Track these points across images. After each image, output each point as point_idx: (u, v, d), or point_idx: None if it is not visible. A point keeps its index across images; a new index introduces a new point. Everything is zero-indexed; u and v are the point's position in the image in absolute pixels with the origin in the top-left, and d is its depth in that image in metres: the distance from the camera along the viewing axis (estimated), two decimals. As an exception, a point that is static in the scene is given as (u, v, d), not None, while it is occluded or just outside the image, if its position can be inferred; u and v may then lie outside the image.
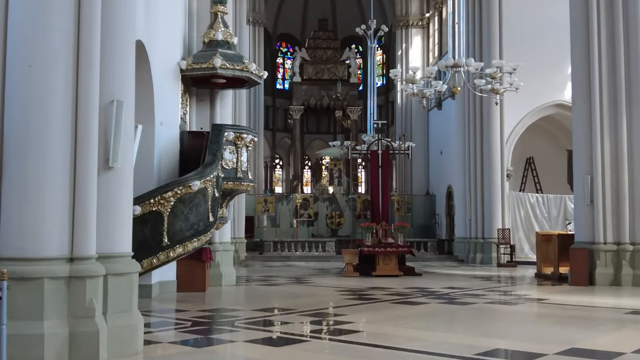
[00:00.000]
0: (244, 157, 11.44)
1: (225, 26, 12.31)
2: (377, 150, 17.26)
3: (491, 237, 21.26)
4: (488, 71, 12.95)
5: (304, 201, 28.07)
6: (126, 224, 5.96)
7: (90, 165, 5.55)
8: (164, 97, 11.07)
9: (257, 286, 13.56)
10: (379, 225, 16.40)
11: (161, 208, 9.29)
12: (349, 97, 33.17)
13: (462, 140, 22.70)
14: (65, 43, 5.43)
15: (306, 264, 21.66)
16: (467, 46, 21.84)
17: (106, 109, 5.71)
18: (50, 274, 5.26)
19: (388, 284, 13.52)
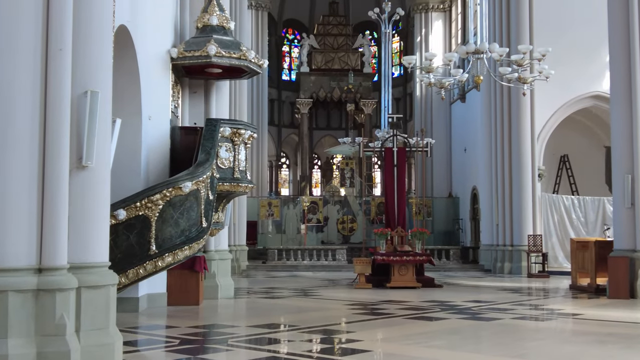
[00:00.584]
0: (242, 156, 11.31)
1: (220, 10, 12.21)
2: (392, 148, 17.09)
3: (521, 245, 21.03)
4: (514, 58, 12.73)
5: (313, 204, 27.95)
6: (102, 231, 5.86)
7: (60, 164, 5.45)
8: (153, 88, 10.98)
9: (257, 299, 13.44)
10: (394, 231, 16.23)
11: (148, 212, 9.20)
12: (362, 89, 33.02)
13: (489, 136, 22.49)
14: (33, 23, 5.33)
15: (314, 274, 21.53)
16: (493, 30, 21.64)
17: (79, 100, 5.61)
18: (16, 287, 5.16)
19: (404, 296, 13.37)
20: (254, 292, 14.80)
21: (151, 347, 7.74)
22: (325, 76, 33.34)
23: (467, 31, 27.31)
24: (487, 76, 15.07)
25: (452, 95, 28.83)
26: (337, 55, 33.77)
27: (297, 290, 15.19)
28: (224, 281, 13.21)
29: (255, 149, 29.06)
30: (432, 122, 30.14)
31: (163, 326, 9.44)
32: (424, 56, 13.47)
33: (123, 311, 10.17)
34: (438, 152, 29.36)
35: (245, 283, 17.54)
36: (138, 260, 9.13)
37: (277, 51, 37.19)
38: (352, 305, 11.98)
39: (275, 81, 36.12)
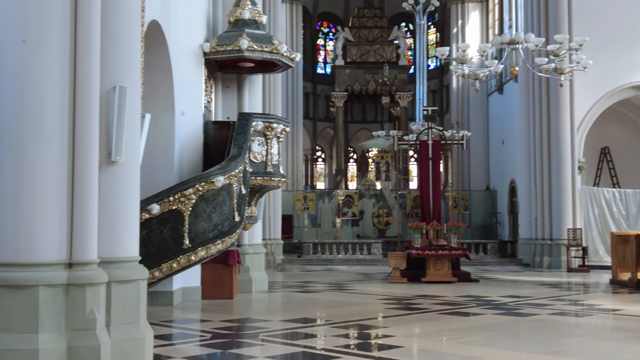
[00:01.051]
0: (275, 150, 11.29)
1: (253, 4, 12.20)
2: (427, 141, 16.92)
3: (560, 238, 20.67)
4: (550, 48, 12.44)
5: (348, 198, 27.87)
6: (132, 225, 5.88)
7: (90, 160, 5.47)
8: (185, 83, 11.03)
9: (291, 293, 13.44)
10: (429, 225, 16.07)
11: (181, 206, 9.23)
12: (398, 82, 32.76)
13: (527, 128, 22.11)
14: (62, 20, 5.35)
15: (349, 268, 21.48)
16: (530, 20, 21.24)
17: (108, 96, 5.63)
18: (46, 281, 5.20)
19: (439, 291, 13.23)
20: (289, 286, 14.81)
21: (184, 340, 7.78)
22: (360, 69, 33.16)
23: (505, 21, 26.87)
24: (524, 67, 14.78)
25: (490, 87, 28.41)
26: (372, 47, 33.55)
27: (332, 285, 15.16)
28: (257, 275, 13.24)
29: (290, 143, 29.08)
30: (469, 114, 29.78)
31: (197, 320, 9.49)
32: (459, 47, 13.24)
33: (157, 304, 10.28)
34: (475, 144, 29.01)
35: (280, 277, 17.58)
36: (172, 254, 9.17)
37: (312, 45, 37.12)
38: (386, 300, 11.90)
39: (310, 75, 36.07)
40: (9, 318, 5.09)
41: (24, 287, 5.13)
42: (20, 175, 5.23)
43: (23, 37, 5.22)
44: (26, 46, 5.23)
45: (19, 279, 5.13)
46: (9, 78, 5.29)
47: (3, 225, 5.24)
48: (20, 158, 5.24)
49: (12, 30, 5.27)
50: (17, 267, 5.16)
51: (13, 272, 5.14)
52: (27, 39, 5.22)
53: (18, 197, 5.22)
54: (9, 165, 5.26)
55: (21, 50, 5.24)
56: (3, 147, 5.28)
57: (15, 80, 5.26)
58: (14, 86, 5.27)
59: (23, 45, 5.22)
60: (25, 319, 5.12)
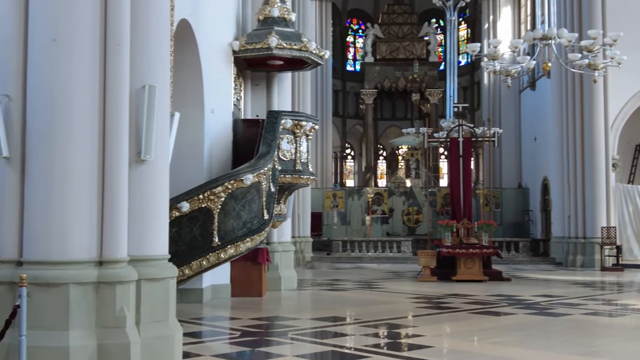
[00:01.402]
0: (304, 148, 11.28)
1: (282, 1, 12.20)
2: (458, 138, 16.76)
3: (594, 237, 20.36)
4: (584, 43, 12.20)
5: (377, 196, 27.77)
6: (161, 224, 5.91)
7: (120, 158, 5.52)
8: (215, 81, 11.07)
9: (320, 291, 13.43)
10: (459, 223, 15.93)
11: (211, 204, 9.27)
12: (428, 78, 32.53)
13: (560, 125, 21.80)
14: (91, 19, 5.40)
15: (378, 266, 21.40)
16: (563, 15, 20.91)
17: (137, 95, 5.66)
18: (77, 279, 5.25)
19: (470, 290, 13.11)
20: (318, 284, 14.81)
21: (214, 338, 7.82)
22: (390, 66, 32.99)
23: (537, 17, 26.50)
24: (557, 63, 14.55)
25: (522, 83, 28.07)
26: (402, 44, 33.35)
27: (361, 283, 15.11)
28: (286, 273, 13.25)
29: (320, 140, 29.06)
30: (501, 110, 29.44)
31: (226, 317, 9.54)
32: (490, 43, 13.08)
33: (187, 302, 10.35)
34: (507, 141, 28.68)
35: (309, 274, 17.58)
36: (201, 252, 9.22)
37: (341, 42, 37.03)
38: (416, 299, 11.83)
39: (340, 72, 35.99)
40: (40, 316, 5.15)
41: (54, 285, 5.19)
42: (51, 174, 5.29)
43: (53, 37, 5.28)
44: (56, 46, 5.28)
45: (50, 277, 5.19)
46: (40, 77, 5.35)
47: (34, 223, 5.30)
48: (50, 157, 5.30)
49: (42, 30, 5.33)
50: (48, 265, 5.22)
51: (44, 270, 5.21)
52: (57, 39, 5.27)
53: (49, 196, 5.27)
54: (39, 165, 5.33)
55: (52, 50, 5.30)
56: (34, 146, 5.35)
57: (45, 80, 5.32)
58: (44, 86, 5.33)
59: (53, 45, 5.28)
60: (56, 316, 5.17)
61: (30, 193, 5.35)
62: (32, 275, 5.11)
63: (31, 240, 5.31)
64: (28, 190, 5.36)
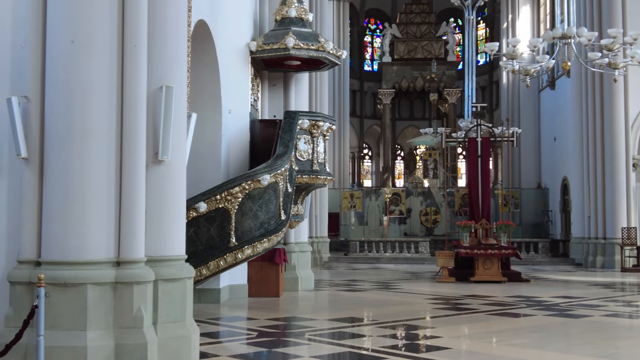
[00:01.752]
0: (321, 148, 11.27)
1: (299, 1, 12.21)
2: (476, 138, 16.66)
3: (614, 237, 20.17)
4: (604, 42, 12.07)
5: (395, 196, 27.69)
6: (178, 224, 5.92)
7: (137, 159, 5.54)
8: (232, 82, 11.10)
9: (337, 292, 13.41)
10: (478, 223, 15.84)
11: (228, 205, 9.29)
12: (446, 78, 32.37)
13: (580, 125, 21.61)
14: (109, 21, 5.42)
15: (396, 266, 21.34)
16: (583, 14, 20.71)
17: (154, 95, 5.68)
18: (95, 280, 5.28)
19: (488, 291, 13.02)
20: (335, 285, 14.79)
21: (231, 338, 7.83)
22: (407, 66, 32.88)
23: (556, 15, 26.28)
24: (577, 62, 14.42)
25: (541, 83, 27.85)
26: (420, 44, 33.22)
27: (379, 283, 15.07)
28: (304, 273, 13.25)
29: (337, 141, 29.03)
30: (520, 110, 29.24)
31: (243, 318, 9.54)
32: (509, 42, 12.99)
33: (205, 302, 10.38)
34: (526, 141, 28.48)
35: (326, 275, 17.56)
36: (218, 252, 9.24)
37: (359, 42, 36.98)
38: (433, 300, 11.77)
39: (357, 72, 35.93)
40: (58, 315, 5.18)
41: (72, 285, 5.22)
42: (69, 175, 5.32)
43: (71, 38, 5.31)
44: (74, 47, 5.31)
45: (68, 277, 5.22)
46: (58, 79, 5.39)
47: (52, 224, 5.34)
48: (69, 158, 5.33)
49: (61, 32, 5.37)
50: (66, 266, 5.25)
51: (62, 270, 5.24)
52: (75, 40, 5.30)
53: (67, 196, 5.31)
54: (58, 166, 5.36)
55: (70, 51, 5.33)
56: (52, 147, 5.39)
57: (63, 81, 5.35)
58: (62, 87, 5.36)
59: (71, 46, 5.31)
60: (73, 316, 5.20)
61: (48, 194, 5.38)
62: (50, 276, 5.14)
63: (49, 241, 5.34)
64: (46, 191, 5.40)
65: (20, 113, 5.44)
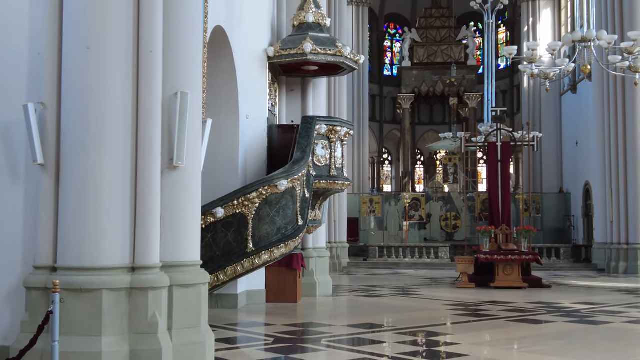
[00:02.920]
0: (339, 153, 11.24)
1: (317, 7, 12.19)
2: (496, 142, 16.53)
3: (637, 243, 19.92)
4: (623, 45, 11.92)
5: (415, 201, 27.56)
6: (193, 230, 5.92)
7: (152, 165, 5.55)
8: (250, 87, 11.11)
9: (356, 297, 13.35)
10: (498, 229, 15.69)
11: (245, 210, 9.28)
12: (466, 82, 32.22)
13: (602, 129, 21.37)
14: (124, 27, 5.45)
15: (415, 272, 21.22)
16: (605, 17, 20.50)
17: (170, 101, 5.69)
18: (110, 285, 5.29)
19: (508, 297, 12.89)
20: (354, 290, 14.73)
21: (248, 344, 7.82)
22: (427, 70, 32.77)
23: (576, 19, 26.03)
24: (598, 65, 14.26)
25: (563, 86, 27.61)
26: (440, 48, 33.10)
27: (398, 289, 14.99)
28: (322, 279, 13.21)
29: (356, 145, 28.98)
30: (541, 114, 28.98)
31: (261, 323, 9.53)
32: (527, 46, 12.88)
33: (222, 307, 10.39)
34: (548, 145, 28.23)
35: (345, 280, 17.51)
36: (236, 257, 9.22)
37: (378, 46, 36.94)
38: (453, 306, 11.67)
39: (377, 77, 35.88)
40: (73, 321, 5.20)
41: (87, 291, 5.23)
42: (84, 180, 5.35)
43: (87, 45, 5.34)
44: (90, 53, 5.34)
45: (83, 282, 5.24)
46: (74, 85, 5.42)
47: (68, 230, 5.37)
48: (84, 164, 5.36)
49: (76, 38, 5.40)
50: (82, 271, 5.27)
51: (77, 275, 5.26)
52: (90, 46, 5.33)
53: (83, 202, 5.33)
54: (74, 171, 5.39)
55: (85, 57, 5.36)
56: (68, 153, 5.42)
57: (79, 87, 5.39)
58: (78, 93, 5.39)
59: (87, 53, 5.34)
60: (88, 322, 5.22)
61: (64, 199, 5.41)
62: (65, 281, 5.16)
63: (65, 246, 5.37)
64: (62, 197, 5.43)
65: (37, 119, 5.48)
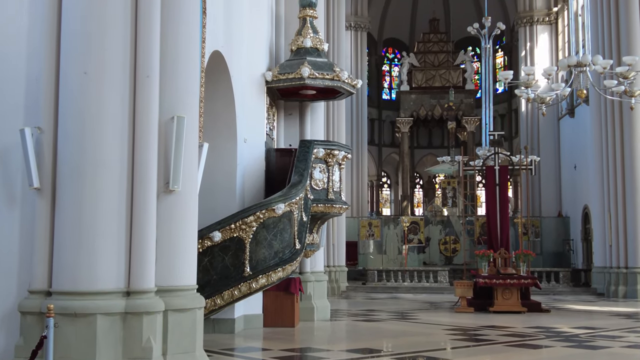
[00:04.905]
0: (336, 177, 11.26)
1: (314, 32, 12.29)
2: (494, 166, 16.56)
3: (636, 267, 19.82)
4: (619, 70, 12.01)
5: (413, 225, 27.53)
6: (189, 254, 5.92)
7: (148, 188, 5.56)
8: (248, 111, 11.16)
9: (354, 322, 13.28)
10: (496, 252, 15.65)
11: (243, 234, 9.28)
12: (465, 106, 32.36)
13: (600, 153, 21.40)
14: (122, 52, 5.50)
15: (414, 296, 21.13)
16: (602, 42, 20.65)
17: (166, 125, 5.72)
18: (104, 310, 5.28)
19: (507, 322, 12.82)
20: (352, 314, 14.65)
21: (243, 369, 7.75)
22: (425, 94, 32.95)
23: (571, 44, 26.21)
24: (594, 90, 14.34)
25: (561, 111, 27.72)
26: (438, 72, 33.31)
27: (396, 313, 14.91)
28: (320, 303, 13.14)
29: (355, 169, 29.02)
30: (540, 138, 29.06)
31: (258, 348, 9.47)
32: (523, 70, 12.98)
33: (219, 332, 10.32)
34: (546, 169, 28.26)
35: (344, 304, 17.42)
36: (233, 281, 9.20)
37: (377, 71, 37.16)
38: (451, 331, 11.61)
39: (376, 101, 36.05)
40: (68, 346, 5.18)
41: (82, 316, 5.22)
42: (80, 205, 5.36)
43: (84, 70, 5.38)
44: (87, 78, 5.39)
45: (77, 307, 5.23)
46: (70, 109, 5.46)
47: (63, 254, 5.36)
48: (80, 188, 5.37)
49: (73, 63, 5.45)
50: (76, 296, 5.26)
51: (72, 300, 5.25)
52: (88, 71, 5.38)
53: (78, 226, 5.34)
54: (69, 196, 5.40)
55: (82, 82, 5.40)
56: (64, 177, 5.43)
57: (75, 111, 5.42)
58: (75, 118, 5.42)
59: (84, 77, 5.39)
60: (83, 347, 5.20)
61: (60, 224, 5.42)
62: (60, 306, 5.15)
63: (60, 271, 5.36)
64: (58, 221, 5.44)
65: (33, 144, 5.51)
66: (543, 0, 30.22)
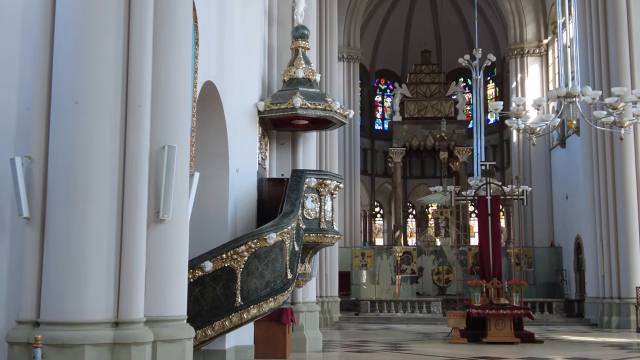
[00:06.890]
0: (328, 206, 11.26)
1: (307, 63, 12.39)
2: (486, 196, 16.60)
3: (629, 297, 19.77)
4: (608, 101, 12.14)
5: (406, 255, 27.46)
6: (179, 284, 5.89)
7: (138, 218, 5.55)
8: (240, 141, 11.18)
9: (346, 353, 13.17)
10: (489, 283, 15.61)
11: (234, 264, 9.23)
12: (457, 137, 32.55)
13: (591, 183, 21.48)
14: (113, 81, 5.53)
15: (408, 327, 20.99)
16: (592, 73, 20.86)
17: (157, 155, 5.73)
18: (92, 340, 5.23)
19: (500, 353, 12.74)
20: (345, 345, 14.53)
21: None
22: (418, 124, 33.15)
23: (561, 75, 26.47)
24: (584, 120, 14.46)
25: (552, 141, 27.90)
26: (430, 103, 33.57)
27: (389, 344, 14.80)
28: (312, 334, 13.03)
29: (348, 199, 29.03)
30: (531, 168, 29.19)
31: (248, 380, 9.37)
32: (514, 102, 13.10)
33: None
34: (538, 199, 28.35)
35: (336, 335, 17.29)
36: (224, 311, 9.13)
37: (369, 101, 37.40)
38: (443, 361, 11.53)
39: (368, 131, 36.23)
40: (55, 377, 5.11)
41: (70, 346, 5.17)
42: (69, 235, 5.34)
43: (75, 99, 5.40)
44: (78, 108, 5.41)
45: (65, 337, 5.18)
46: (61, 139, 5.46)
47: (52, 284, 5.33)
48: (70, 218, 5.36)
49: (64, 92, 5.47)
50: (65, 326, 5.21)
51: (60, 330, 5.20)
52: (79, 101, 5.40)
53: (67, 256, 5.32)
54: (59, 225, 5.38)
55: (73, 112, 5.42)
56: (54, 207, 5.42)
57: (66, 141, 5.43)
58: (65, 147, 5.43)
59: (75, 107, 5.41)
60: (70, 378, 5.13)
61: (49, 253, 5.39)
62: (48, 336, 5.10)
63: (49, 301, 5.32)
64: (47, 251, 5.41)
65: (24, 173, 5.50)
66: (533, 33, 30.60)
